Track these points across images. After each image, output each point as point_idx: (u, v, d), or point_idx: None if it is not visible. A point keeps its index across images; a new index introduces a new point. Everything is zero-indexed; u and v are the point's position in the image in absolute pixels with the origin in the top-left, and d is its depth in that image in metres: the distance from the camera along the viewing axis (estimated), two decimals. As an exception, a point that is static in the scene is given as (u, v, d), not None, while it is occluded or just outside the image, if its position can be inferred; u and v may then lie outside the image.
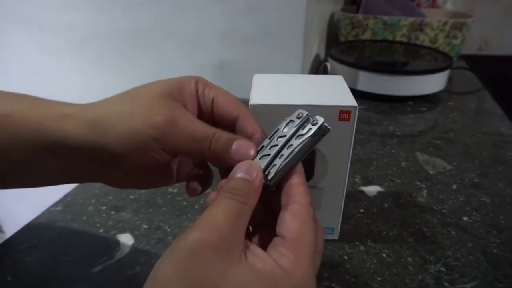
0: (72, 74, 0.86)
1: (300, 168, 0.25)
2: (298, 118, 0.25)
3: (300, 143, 0.24)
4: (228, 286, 0.18)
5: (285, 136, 0.24)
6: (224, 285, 0.18)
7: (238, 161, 0.25)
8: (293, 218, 0.22)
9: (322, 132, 0.24)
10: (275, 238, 0.22)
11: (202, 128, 0.25)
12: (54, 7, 0.79)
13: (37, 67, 0.87)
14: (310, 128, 0.24)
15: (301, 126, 0.24)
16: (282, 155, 0.24)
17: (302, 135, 0.24)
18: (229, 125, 0.28)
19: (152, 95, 0.25)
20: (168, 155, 0.25)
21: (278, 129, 0.25)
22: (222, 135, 0.25)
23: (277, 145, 0.24)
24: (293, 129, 0.24)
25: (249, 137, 0.26)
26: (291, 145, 0.24)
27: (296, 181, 0.24)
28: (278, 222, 0.22)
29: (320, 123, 0.24)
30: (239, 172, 0.23)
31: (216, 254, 0.19)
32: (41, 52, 0.84)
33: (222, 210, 0.21)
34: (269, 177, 0.24)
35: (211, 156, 0.25)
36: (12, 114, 0.23)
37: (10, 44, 0.85)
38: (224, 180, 0.24)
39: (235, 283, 0.18)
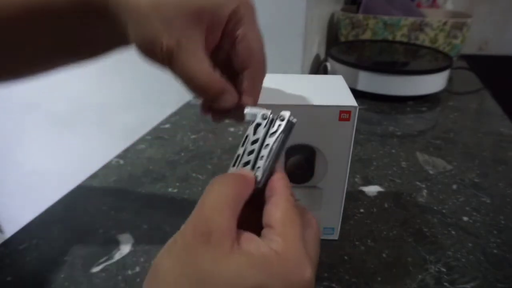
0: (71, 74, 0.86)
1: (279, 165, 0.26)
2: (264, 119, 0.26)
3: (275, 140, 0.25)
4: (221, 274, 0.19)
5: (258, 139, 0.25)
6: (217, 273, 0.19)
7: (221, 108, 0.27)
8: (275, 208, 0.23)
9: (290, 125, 0.25)
10: (263, 230, 0.23)
11: (201, 69, 0.25)
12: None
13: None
14: (280, 124, 0.25)
15: (270, 125, 0.26)
16: (262, 156, 0.25)
17: (274, 132, 0.25)
18: (235, 69, 0.28)
19: (178, 9, 0.24)
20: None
21: (247, 135, 0.26)
22: (216, 84, 0.26)
23: (254, 150, 0.25)
24: (264, 130, 0.25)
25: (241, 92, 0.27)
26: (267, 144, 0.25)
27: (277, 177, 0.25)
28: (263, 215, 0.23)
29: (286, 117, 0.25)
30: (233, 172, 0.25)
31: (207, 245, 0.20)
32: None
33: (213, 199, 0.22)
34: (258, 179, 0.25)
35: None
36: None
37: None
38: None
39: (229, 270, 0.19)
